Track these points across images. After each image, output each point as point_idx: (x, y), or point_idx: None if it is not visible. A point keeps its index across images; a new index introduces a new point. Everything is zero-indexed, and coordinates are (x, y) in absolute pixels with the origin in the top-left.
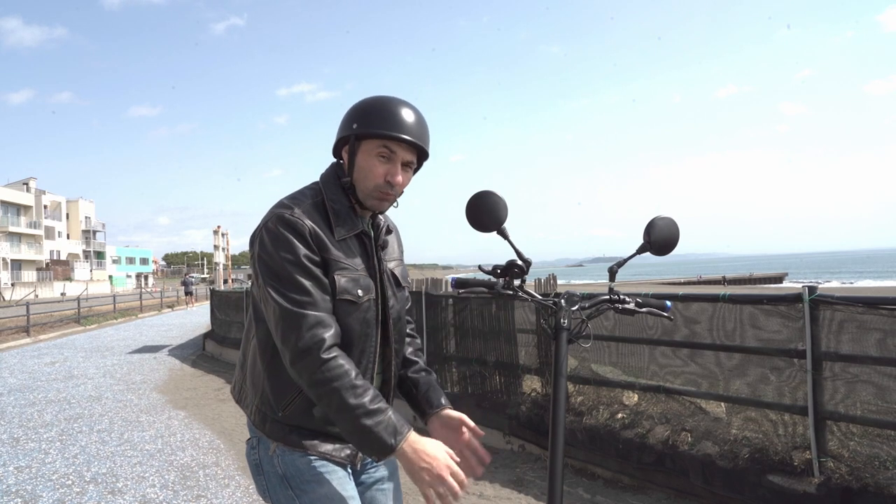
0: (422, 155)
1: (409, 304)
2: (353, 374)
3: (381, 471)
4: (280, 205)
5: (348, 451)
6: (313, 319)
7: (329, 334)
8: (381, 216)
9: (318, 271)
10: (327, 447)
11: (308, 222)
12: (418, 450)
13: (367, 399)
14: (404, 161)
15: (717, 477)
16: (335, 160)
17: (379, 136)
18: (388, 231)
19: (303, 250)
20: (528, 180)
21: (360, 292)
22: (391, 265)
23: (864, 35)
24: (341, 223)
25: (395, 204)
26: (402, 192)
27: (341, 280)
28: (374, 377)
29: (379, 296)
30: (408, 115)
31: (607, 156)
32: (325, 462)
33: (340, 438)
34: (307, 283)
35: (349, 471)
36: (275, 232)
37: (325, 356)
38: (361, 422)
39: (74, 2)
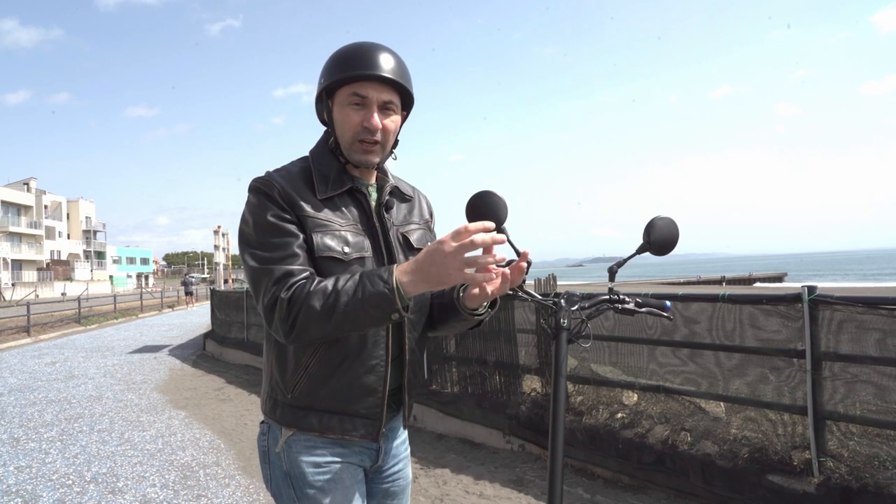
0: (405, 96)
1: None
2: (311, 284)
3: (398, 465)
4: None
5: (368, 429)
6: (279, 272)
7: (300, 279)
8: (391, 180)
9: (290, 227)
10: (346, 426)
11: (279, 182)
12: (418, 267)
13: (337, 287)
14: (381, 102)
15: (717, 477)
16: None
17: (345, 82)
18: (404, 197)
19: (272, 209)
20: (528, 180)
21: (345, 249)
22: (405, 228)
23: (858, 36)
24: (325, 182)
25: (392, 156)
26: (393, 139)
27: (317, 238)
28: (389, 348)
29: (383, 256)
30: (373, 53)
31: (607, 156)
32: (331, 469)
33: (357, 415)
34: (276, 239)
35: (360, 472)
36: (248, 200)
37: (283, 295)
38: (345, 309)
39: (71, 3)
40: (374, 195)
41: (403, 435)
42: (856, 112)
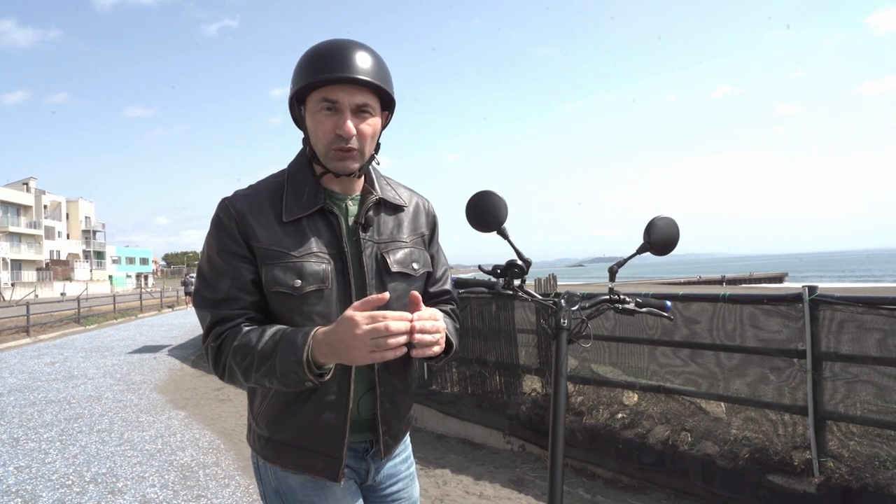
0: (383, 97)
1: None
2: (235, 337)
3: (398, 485)
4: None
5: (328, 466)
6: (213, 318)
7: (229, 328)
8: (377, 192)
9: (236, 263)
10: (304, 461)
11: (237, 207)
12: (330, 340)
13: (256, 348)
14: (355, 106)
15: (717, 477)
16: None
17: (314, 86)
18: (395, 208)
19: (223, 242)
20: (528, 180)
21: (297, 282)
22: (388, 247)
23: (854, 38)
24: (296, 202)
25: (374, 161)
26: (372, 143)
27: (267, 271)
28: (352, 385)
29: (350, 285)
30: (343, 53)
31: (607, 156)
32: (319, 482)
33: (316, 452)
34: (217, 281)
35: (352, 483)
36: (210, 223)
37: (212, 344)
38: (261, 373)
39: (68, 4)
40: (353, 210)
41: (404, 454)
42: (856, 112)
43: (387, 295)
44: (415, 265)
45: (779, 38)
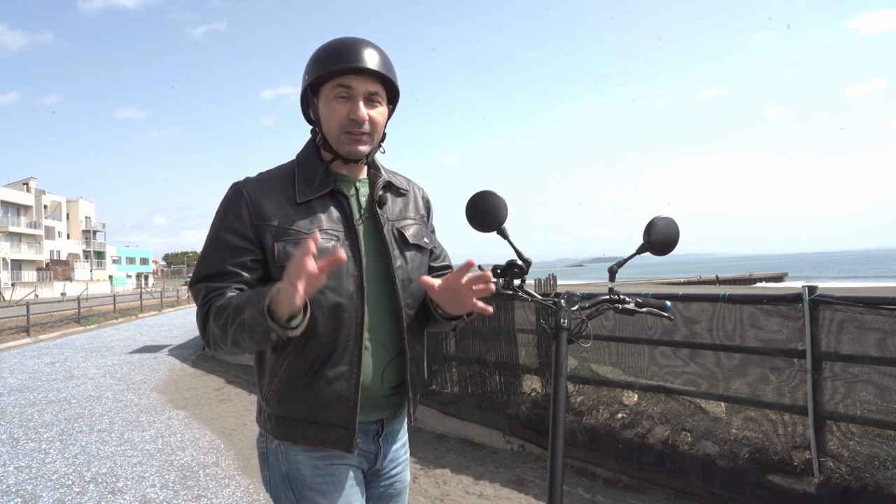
0: (389, 90)
1: (425, 268)
2: (221, 298)
3: (396, 469)
4: None
5: (341, 438)
6: (207, 290)
7: (216, 294)
8: (383, 175)
9: (237, 242)
10: (318, 435)
11: (249, 190)
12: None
13: (231, 303)
14: (367, 94)
15: (717, 477)
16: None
17: (330, 76)
18: (399, 191)
19: (228, 221)
20: (527, 181)
21: None
22: (401, 223)
23: (838, 41)
24: (307, 185)
25: (380, 149)
26: (381, 130)
27: (279, 247)
28: (362, 353)
29: (361, 260)
30: (356, 47)
31: (606, 156)
32: (330, 471)
33: (329, 424)
34: (218, 255)
35: (360, 473)
36: (220, 203)
37: (200, 312)
38: (235, 323)
39: (56, 7)
40: (363, 191)
41: (403, 439)
42: (845, 113)
43: (343, 256)
44: (426, 239)
45: (763, 40)
